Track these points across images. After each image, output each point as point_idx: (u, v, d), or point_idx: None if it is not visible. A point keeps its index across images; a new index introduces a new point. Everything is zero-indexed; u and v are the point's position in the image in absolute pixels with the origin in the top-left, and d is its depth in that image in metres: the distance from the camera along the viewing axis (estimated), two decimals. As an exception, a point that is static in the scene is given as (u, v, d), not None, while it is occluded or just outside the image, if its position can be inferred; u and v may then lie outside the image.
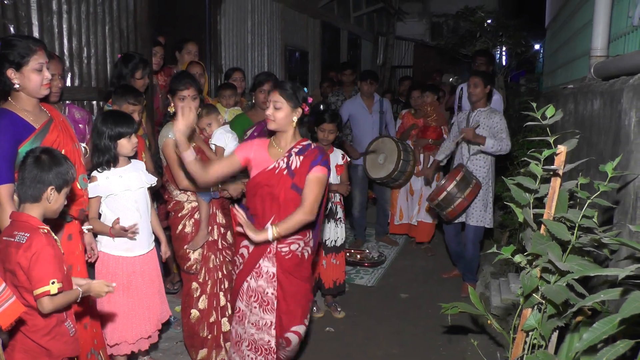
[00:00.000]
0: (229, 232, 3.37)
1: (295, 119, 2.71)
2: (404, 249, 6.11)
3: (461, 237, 4.62)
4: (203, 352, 3.24)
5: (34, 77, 2.35)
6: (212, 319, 3.24)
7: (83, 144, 2.80)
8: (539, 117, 2.12)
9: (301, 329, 2.84)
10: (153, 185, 3.05)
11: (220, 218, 3.31)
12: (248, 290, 2.84)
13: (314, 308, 4.16)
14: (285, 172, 2.71)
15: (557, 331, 2.11)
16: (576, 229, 1.91)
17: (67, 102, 3.27)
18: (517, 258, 2.01)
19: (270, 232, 2.63)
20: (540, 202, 2.17)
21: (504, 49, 8.91)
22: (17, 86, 2.34)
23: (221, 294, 3.28)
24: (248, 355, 2.85)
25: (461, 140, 4.44)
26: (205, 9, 5.91)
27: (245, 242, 2.83)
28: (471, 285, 4.59)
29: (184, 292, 3.28)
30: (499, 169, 4.71)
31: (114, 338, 2.94)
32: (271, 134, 2.84)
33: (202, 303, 3.22)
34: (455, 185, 4.19)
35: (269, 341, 2.81)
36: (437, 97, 5.87)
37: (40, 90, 2.39)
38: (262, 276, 2.80)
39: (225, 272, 3.30)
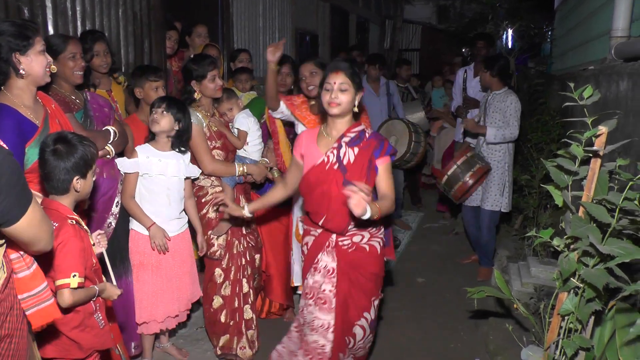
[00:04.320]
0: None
1: (357, 102, 2.45)
2: (417, 233, 6.09)
3: (479, 222, 4.59)
4: (225, 339, 3.21)
5: (41, 60, 2.20)
6: (235, 306, 3.21)
7: (112, 128, 2.76)
8: (576, 98, 2.07)
9: (363, 322, 2.57)
10: (193, 177, 3.05)
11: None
12: (305, 288, 2.63)
13: None
14: (336, 167, 2.46)
15: (594, 316, 2.08)
16: (617, 211, 1.88)
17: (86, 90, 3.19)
18: (556, 241, 1.98)
19: (370, 209, 2.15)
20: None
21: (509, 31, 8.76)
22: (22, 72, 2.17)
23: (244, 280, 3.24)
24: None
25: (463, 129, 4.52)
26: (217, -7, 5.86)
27: (313, 232, 2.62)
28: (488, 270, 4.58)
29: (205, 278, 3.24)
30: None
31: (142, 316, 2.96)
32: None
33: (226, 290, 3.19)
34: (457, 167, 4.27)
35: (323, 345, 2.53)
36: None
37: (45, 76, 2.25)
38: (320, 271, 2.56)
39: (248, 259, 3.27)
